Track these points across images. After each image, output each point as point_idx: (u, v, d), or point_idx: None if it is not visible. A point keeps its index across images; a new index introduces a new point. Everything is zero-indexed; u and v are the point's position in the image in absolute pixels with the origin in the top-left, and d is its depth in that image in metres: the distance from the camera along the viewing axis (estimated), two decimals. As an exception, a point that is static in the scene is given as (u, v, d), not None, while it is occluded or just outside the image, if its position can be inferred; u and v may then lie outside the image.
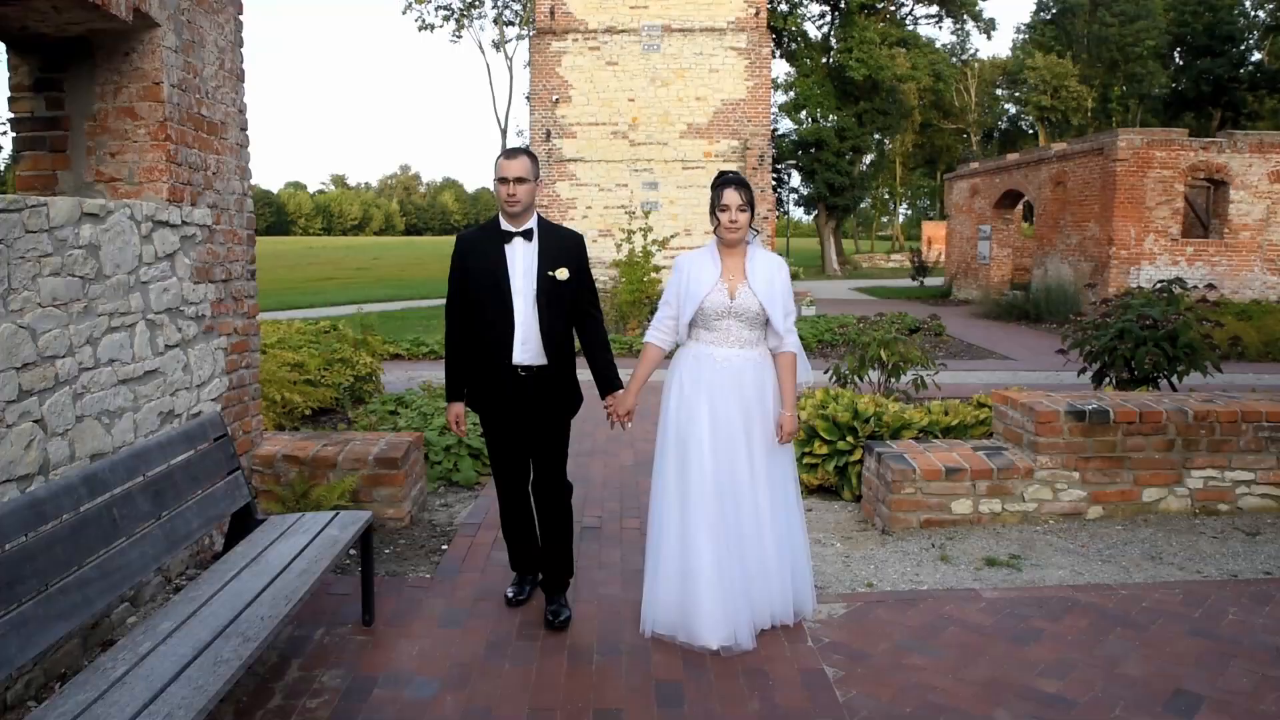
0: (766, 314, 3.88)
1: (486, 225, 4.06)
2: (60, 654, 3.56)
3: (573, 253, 4.03)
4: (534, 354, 3.95)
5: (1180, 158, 18.74)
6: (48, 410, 3.45)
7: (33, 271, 3.36)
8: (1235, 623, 4.09)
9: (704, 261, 3.96)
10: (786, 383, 3.96)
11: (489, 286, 3.95)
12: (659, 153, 19.87)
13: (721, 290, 3.89)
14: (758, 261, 3.93)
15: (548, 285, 3.94)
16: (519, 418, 4.04)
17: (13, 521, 2.59)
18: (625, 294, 15.65)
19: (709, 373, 3.88)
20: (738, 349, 3.91)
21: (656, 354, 4.10)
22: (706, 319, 3.90)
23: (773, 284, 3.90)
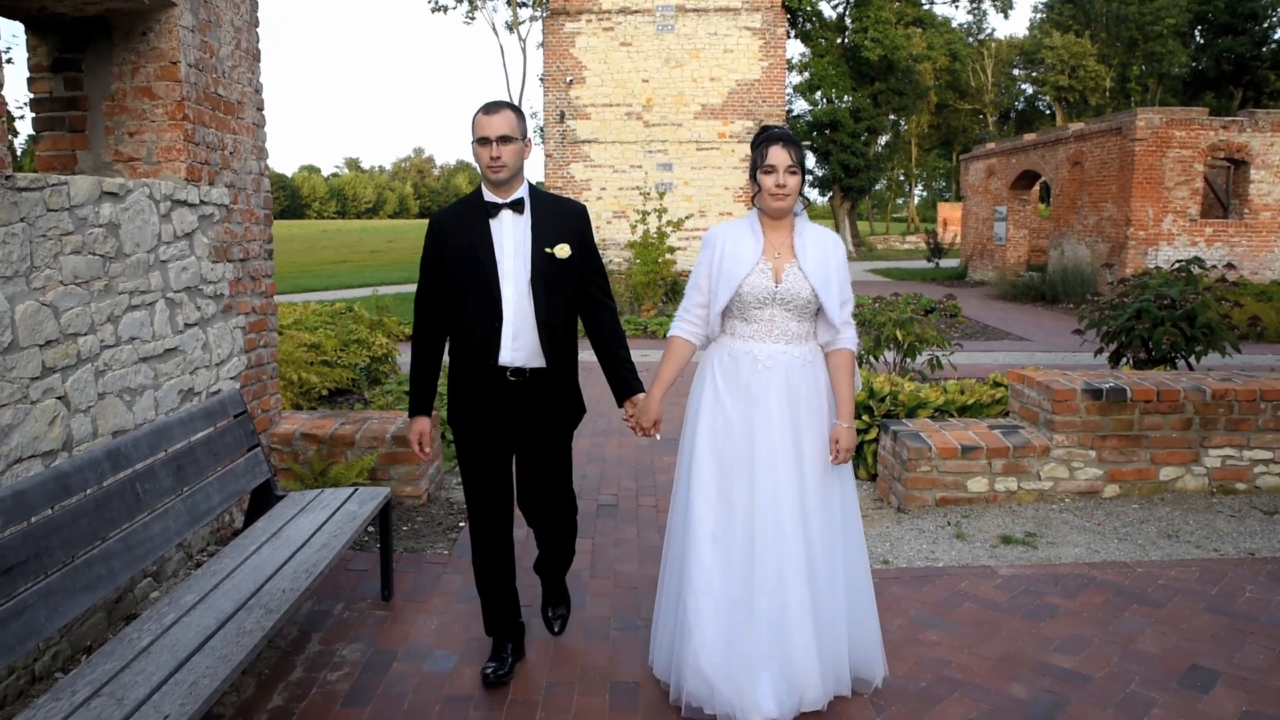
0: (820, 301, 3.14)
1: (467, 198, 3.36)
2: (86, 627, 3.62)
3: (574, 226, 3.33)
4: (528, 353, 3.26)
5: (1200, 137, 18.54)
6: (70, 387, 3.50)
7: (54, 250, 3.40)
8: (1252, 600, 4.09)
9: (742, 236, 3.20)
10: (843, 387, 3.21)
11: (471, 270, 3.23)
12: (673, 134, 19.81)
13: (764, 271, 3.14)
14: (808, 237, 3.19)
15: (545, 265, 3.24)
16: (506, 436, 3.34)
17: (39, 494, 2.62)
18: (640, 275, 15.65)
19: (748, 375, 3.15)
20: (783, 344, 3.16)
21: (685, 350, 3.34)
22: (745, 307, 3.15)
23: (827, 264, 3.15)
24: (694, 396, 3.33)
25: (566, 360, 3.38)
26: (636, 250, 15.97)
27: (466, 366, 3.30)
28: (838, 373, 3.23)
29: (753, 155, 3.20)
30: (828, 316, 3.17)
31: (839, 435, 3.19)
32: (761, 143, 3.17)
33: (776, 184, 3.11)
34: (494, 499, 3.39)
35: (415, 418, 3.45)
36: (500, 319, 3.22)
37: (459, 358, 3.34)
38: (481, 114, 3.22)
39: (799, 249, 3.18)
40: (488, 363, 3.25)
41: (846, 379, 3.23)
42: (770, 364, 3.15)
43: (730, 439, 3.17)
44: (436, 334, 3.38)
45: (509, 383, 3.26)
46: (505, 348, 3.23)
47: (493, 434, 3.34)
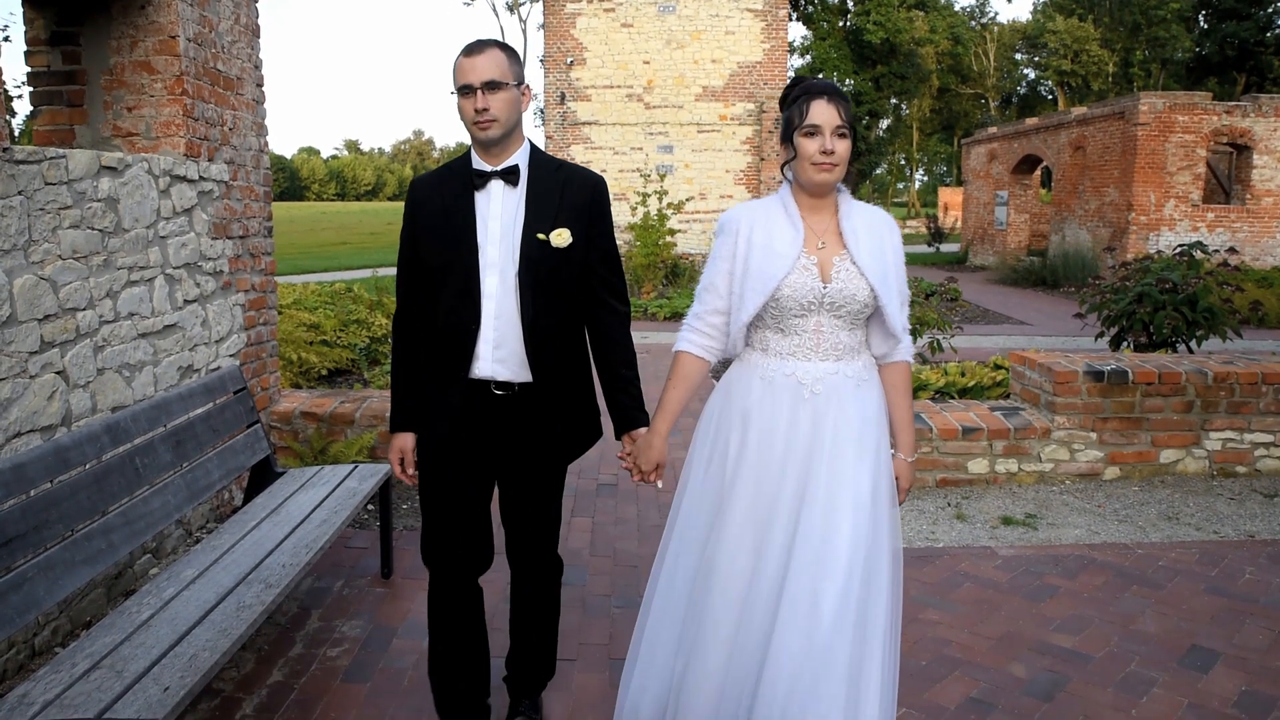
0: (878, 303, 2.42)
1: (452, 163, 2.69)
2: (85, 602, 3.62)
3: (584, 205, 2.61)
4: (510, 364, 2.58)
5: (1203, 122, 18.48)
6: (69, 362, 3.48)
7: (52, 224, 3.37)
8: (1252, 581, 4.09)
9: (774, 220, 2.45)
10: (902, 409, 2.55)
11: (446, 255, 2.56)
12: (674, 116, 19.73)
13: (808, 268, 2.40)
14: (857, 220, 2.46)
15: (536, 255, 2.54)
16: (482, 470, 2.69)
17: (38, 468, 2.61)
18: (640, 257, 15.63)
19: (792, 407, 2.41)
20: (833, 362, 2.43)
21: (695, 371, 2.57)
22: (784, 315, 2.41)
23: (884, 254, 2.45)
24: (708, 435, 2.56)
25: (565, 375, 2.68)
26: (637, 232, 15.93)
27: (436, 378, 2.65)
28: (895, 393, 2.55)
29: (785, 114, 2.46)
30: (888, 322, 2.44)
31: (899, 470, 2.53)
32: (798, 97, 2.42)
33: (822, 149, 2.34)
34: (457, 554, 2.69)
35: (396, 433, 2.75)
36: (478, 320, 2.54)
37: (431, 365, 2.67)
38: (463, 56, 2.51)
39: (849, 236, 2.43)
40: (458, 375, 2.58)
41: (906, 399, 2.56)
42: (820, 389, 2.40)
43: (760, 498, 2.40)
44: (419, 329, 2.70)
45: (491, 399, 2.60)
46: (483, 357, 2.56)
47: (461, 468, 2.65)
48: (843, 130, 2.38)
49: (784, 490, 2.39)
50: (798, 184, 2.46)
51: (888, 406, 2.54)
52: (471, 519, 2.69)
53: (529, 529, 2.79)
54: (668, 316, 14.01)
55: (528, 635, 2.91)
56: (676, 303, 14.58)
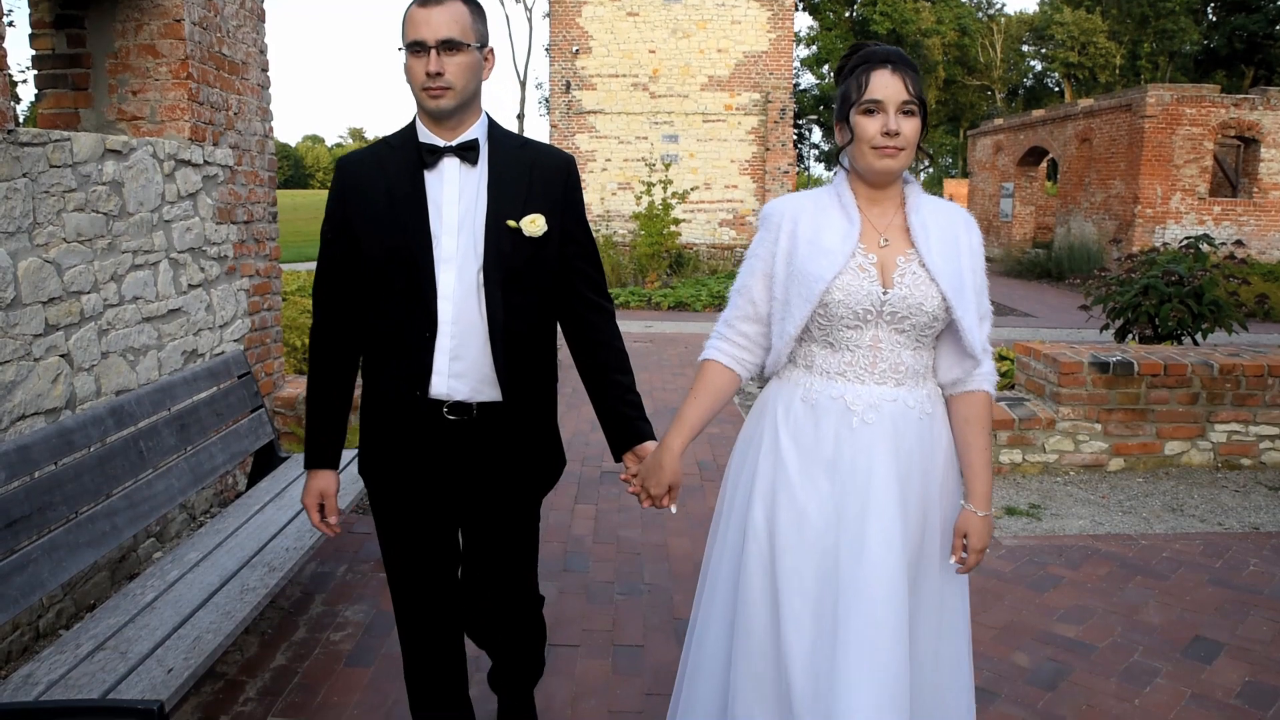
0: (952, 316, 2.01)
1: (392, 137, 2.24)
2: (89, 585, 3.62)
3: (555, 187, 2.22)
4: (475, 380, 2.17)
5: (1210, 115, 18.40)
6: (74, 345, 3.48)
7: (57, 206, 3.37)
8: (1256, 573, 4.08)
9: (825, 213, 2.07)
10: (977, 451, 2.09)
11: (391, 249, 2.13)
12: (679, 105, 19.67)
13: (865, 269, 2.00)
14: (927, 214, 2.06)
15: (506, 246, 2.14)
16: (444, 503, 2.29)
17: (42, 450, 2.61)
18: (644, 246, 15.62)
19: (836, 436, 2.03)
20: (891, 386, 2.03)
21: (723, 383, 2.18)
22: (833, 325, 2.03)
23: (959, 256, 2.04)
24: (740, 464, 2.20)
25: (536, 392, 2.27)
26: (641, 222, 15.91)
27: (382, 398, 2.21)
28: (969, 429, 2.08)
29: (841, 88, 2.05)
30: (963, 339, 2.01)
31: (969, 527, 2.06)
32: (856, 67, 2.01)
33: (885, 130, 1.95)
34: (432, 584, 2.36)
35: (312, 471, 2.31)
36: (433, 327, 2.12)
37: (373, 384, 2.25)
38: (416, 6, 2.09)
39: (917, 233, 2.03)
40: (412, 394, 2.15)
41: (984, 437, 2.09)
42: (872, 418, 2.01)
43: (802, 543, 2.01)
44: (344, 344, 2.27)
45: (448, 424, 2.17)
46: (440, 371, 2.13)
47: (423, 499, 2.27)
48: (910, 106, 1.96)
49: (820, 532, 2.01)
50: (855, 172, 2.06)
51: (958, 445, 2.09)
52: (439, 551, 2.34)
53: (506, 571, 2.37)
54: (671, 306, 14.00)
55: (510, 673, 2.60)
56: (680, 292, 14.57)
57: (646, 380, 8.16)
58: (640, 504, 2.24)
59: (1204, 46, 48.69)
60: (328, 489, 2.32)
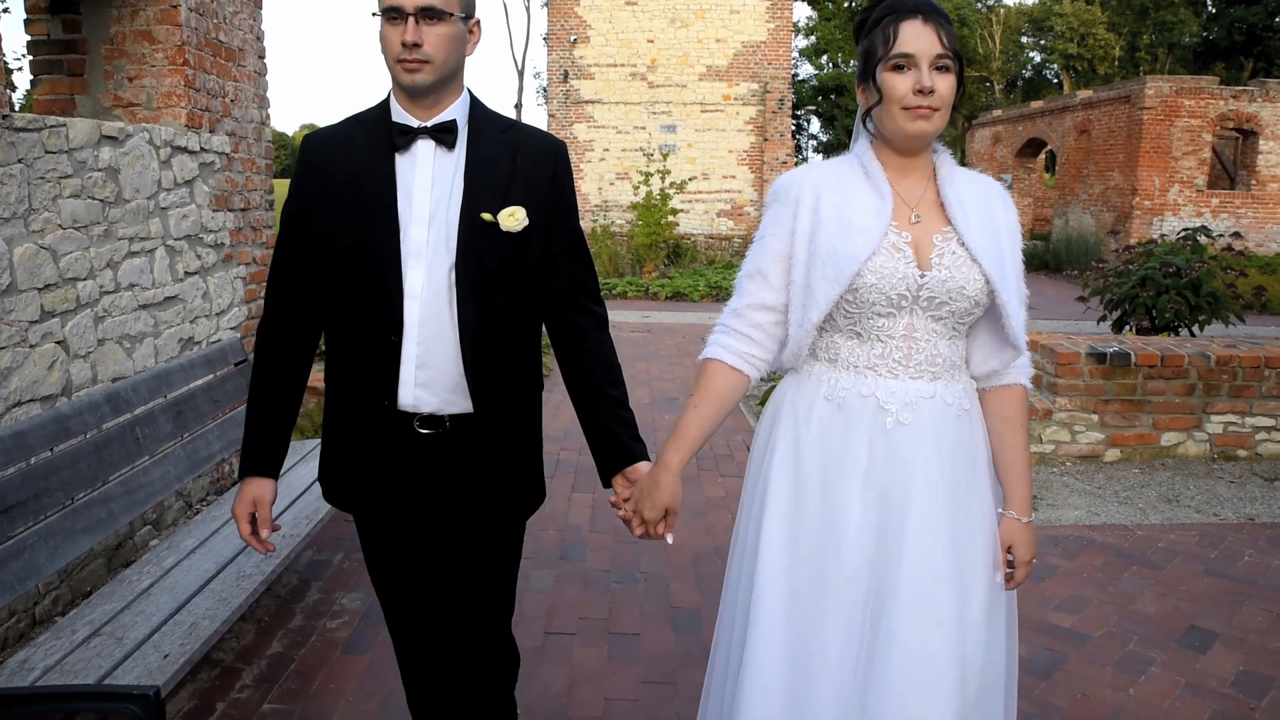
0: (996, 300, 1.78)
1: (363, 114, 2.00)
2: (86, 573, 3.62)
3: (544, 178, 1.97)
4: (438, 389, 1.93)
5: (1209, 106, 18.38)
6: (69, 332, 3.47)
7: (53, 193, 3.36)
8: (1251, 564, 4.10)
9: (850, 186, 1.82)
10: (1015, 452, 1.88)
11: (355, 240, 1.90)
12: (677, 95, 19.62)
13: (900, 248, 1.77)
14: (960, 185, 1.84)
15: (481, 241, 1.90)
16: (422, 526, 2.05)
17: (38, 435, 2.61)
18: (642, 236, 15.61)
19: (870, 440, 1.78)
20: (928, 381, 1.80)
21: (729, 388, 1.90)
22: (863, 313, 1.78)
23: (998, 233, 1.83)
24: (754, 479, 1.93)
25: (512, 404, 2.02)
26: (639, 212, 15.90)
27: (344, 408, 2.01)
28: (1008, 427, 1.87)
29: (864, 44, 1.80)
30: (1006, 327, 1.79)
31: (1013, 538, 1.84)
32: (882, 18, 1.77)
33: (917, 87, 1.70)
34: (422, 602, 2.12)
35: (246, 479, 2.07)
36: (399, 329, 1.89)
37: (334, 391, 2.03)
38: None
39: (954, 208, 1.80)
40: (380, 405, 1.93)
41: (1022, 436, 1.89)
42: (908, 418, 1.77)
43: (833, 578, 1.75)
44: (294, 342, 2.05)
45: (419, 438, 1.95)
46: (406, 380, 1.91)
47: (398, 519, 2.05)
48: (944, 60, 1.72)
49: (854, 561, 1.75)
50: (881, 138, 1.82)
51: (994, 446, 1.88)
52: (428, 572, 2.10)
53: (475, 614, 2.09)
54: (669, 296, 13.99)
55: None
56: (678, 282, 14.56)
57: (643, 370, 8.15)
58: (632, 532, 1.94)
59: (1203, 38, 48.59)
60: (262, 497, 2.06)
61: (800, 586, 1.77)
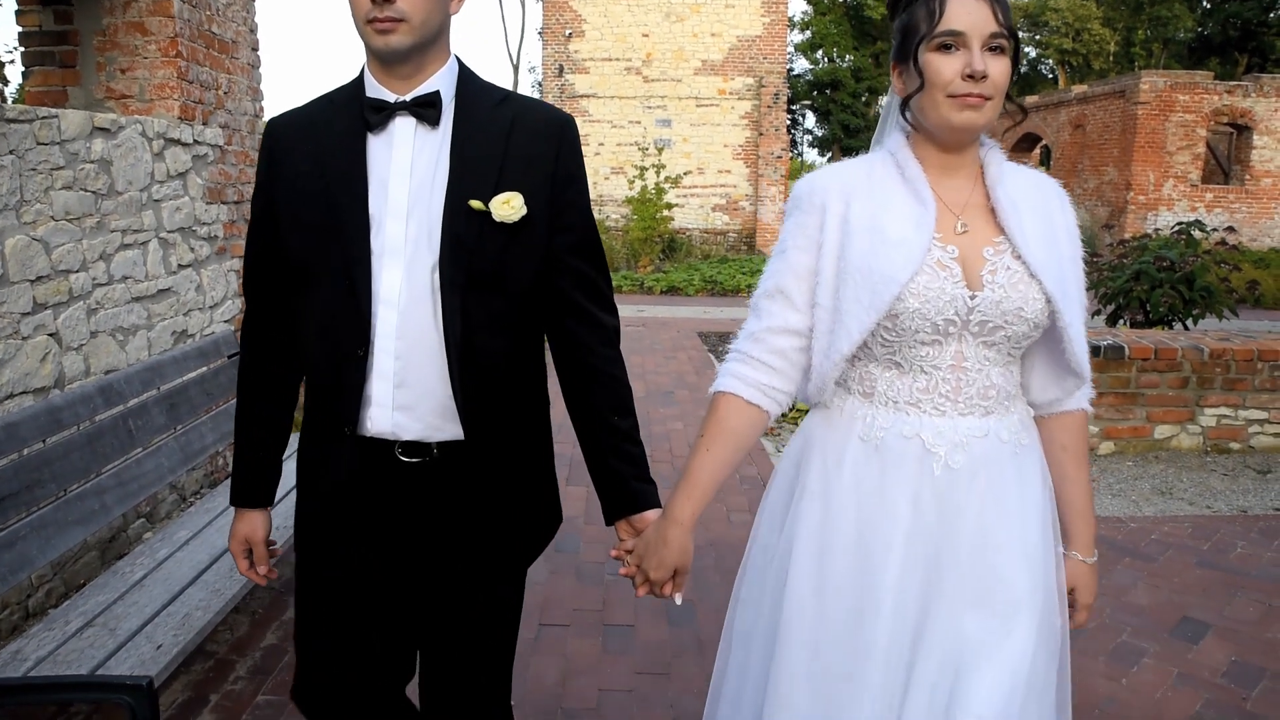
0: (1057, 322, 1.53)
1: (335, 93, 1.70)
2: (79, 565, 3.62)
3: (545, 158, 1.66)
4: (422, 413, 1.63)
5: (1204, 101, 18.41)
6: (62, 324, 3.46)
7: (45, 184, 3.34)
8: (1244, 555, 4.11)
9: (886, 189, 1.56)
10: (1078, 486, 1.67)
11: (319, 235, 1.62)
12: (672, 89, 19.60)
13: (946, 267, 1.51)
14: (1014, 188, 1.58)
15: (470, 237, 1.59)
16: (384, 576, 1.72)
17: (30, 427, 2.60)
18: (637, 231, 15.61)
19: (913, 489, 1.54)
20: (979, 417, 1.56)
21: (745, 426, 1.62)
22: (904, 341, 1.54)
23: (1057, 243, 1.58)
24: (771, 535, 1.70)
25: (515, 427, 1.71)
26: (634, 206, 15.89)
27: (311, 431, 1.71)
28: (1069, 459, 1.66)
29: (902, 20, 1.56)
30: (1067, 351, 1.54)
31: (1077, 580, 1.67)
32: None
33: (967, 71, 1.46)
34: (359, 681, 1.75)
35: (241, 512, 1.83)
36: (366, 342, 1.59)
37: (306, 412, 1.74)
38: None
39: (1006, 214, 1.54)
40: (340, 430, 1.63)
41: (1084, 469, 1.68)
42: (959, 461, 1.53)
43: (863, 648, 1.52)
44: (278, 360, 1.78)
45: (395, 471, 1.64)
46: (379, 403, 1.61)
47: (352, 569, 1.70)
48: (999, 40, 1.48)
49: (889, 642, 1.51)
50: (921, 132, 1.56)
51: (1055, 479, 1.65)
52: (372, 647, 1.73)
53: (471, 678, 1.76)
54: (664, 290, 13.99)
55: None
56: (673, 276, 14.56)
57: (639, 363, 8.16)
58: (635, 591, 1.68)
59: (1198, 33, 48.64)
60: (255, 534, 1.82)
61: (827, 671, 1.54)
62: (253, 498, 1.82)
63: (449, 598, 1.71)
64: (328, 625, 1.72)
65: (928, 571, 1.52)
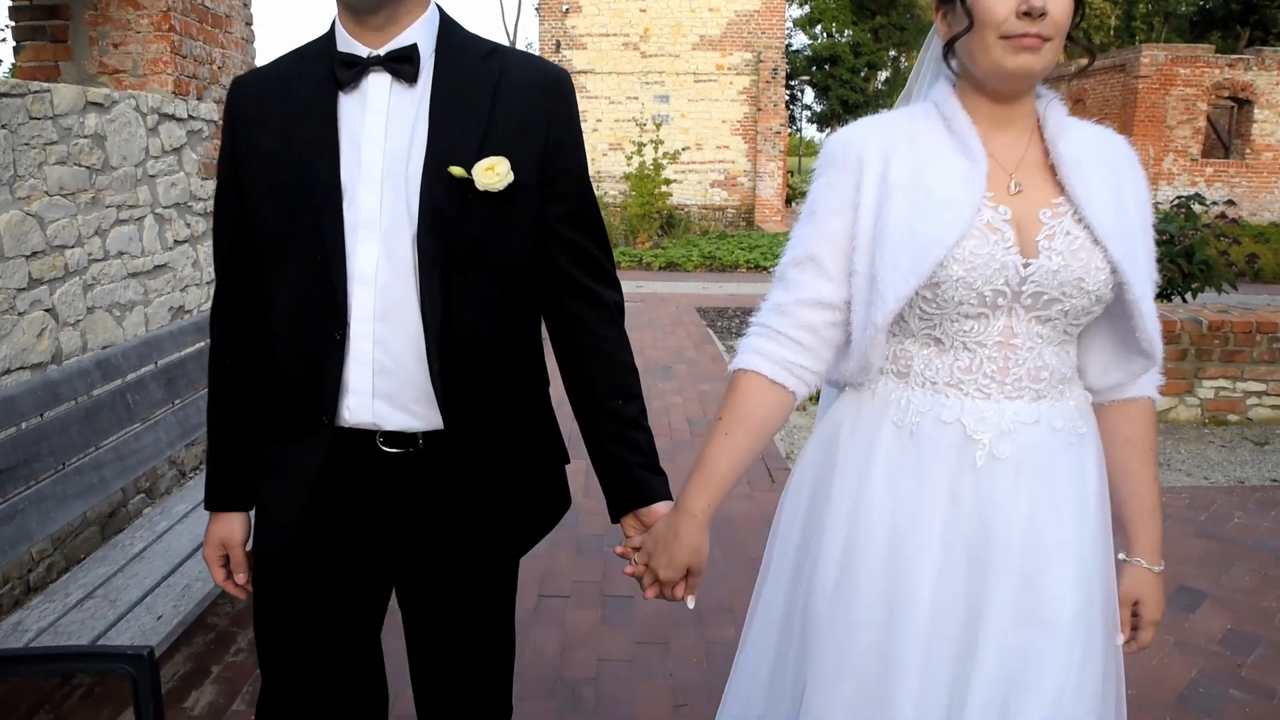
0: (1126, 295, 1.35)
1: (305, 49, 1.54)
2: (79, 540, 3.63)
3: (534, 116, 1.48)
4: (405, 400, 1.49)
5: (1204, 75, 18.33)
6: (58, 300, 3.45)
7: (38, 159, 3.33)
8: (1240, 526, 4.13)
9: (930, 144, 1.40)
10: (1144, 483, 1.50)
11: (285, 207, 1.46)
12: (670, 65, 19.49)
13: (997, 231, 1.34)
14: (1076, 143, 1.41)
15: (452, 204, 1.42)
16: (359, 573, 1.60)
17: (27, 401, 2.60)
18: (635, 207, 15.57)
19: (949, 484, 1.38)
20: (1030, 401, 1.39)
21: (772, 410, 1.46)
22: (946, 314, 1.37)
23: (1123, 207, 1.38)
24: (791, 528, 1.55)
25: (504, 416, 1.55)
26: (632, 182, 15.85)
27: (278, 423, 1.55)
28: (1133, 453, 1.49)
29: None
30: (1137, 329, 1.37)
31: (1140, 591, 1.50)
32: None
33: (1024, 8, 1.29)
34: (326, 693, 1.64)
35: (216, 515, 1.64)
36: (344, 324, 1.45)
37: (269, 402, 1.57)
38: None
39: (1069, 170, 1.37)
40: (316, 420, 1.49)
41: (1152, 466, 1.51)
42: (1005, 450, 1.36)
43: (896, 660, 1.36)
44: (253, 335, 1.57)
45: (377, 463, 1.50)
46: (358, 391, 1.47)
47: (323, 579, 1.56)
48: None
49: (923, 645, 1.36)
50: (969, 80, 1.40)
51: (1114, 476, 1.48)
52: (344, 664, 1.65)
53: (460, 678, 1.67)
54: (663, 266, 13.96)
55: None
56: (671, 252, 14.52)
57: (637, 339, 8.15)
58: (643, 593, 1.52)
59: (1199, 7, 48.28)
60: (232, 538, 1.62)
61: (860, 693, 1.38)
62: (230, 499, 1.62)
63: (441, 593, 1.61)
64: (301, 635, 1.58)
65: (969, 581, 1.36)
